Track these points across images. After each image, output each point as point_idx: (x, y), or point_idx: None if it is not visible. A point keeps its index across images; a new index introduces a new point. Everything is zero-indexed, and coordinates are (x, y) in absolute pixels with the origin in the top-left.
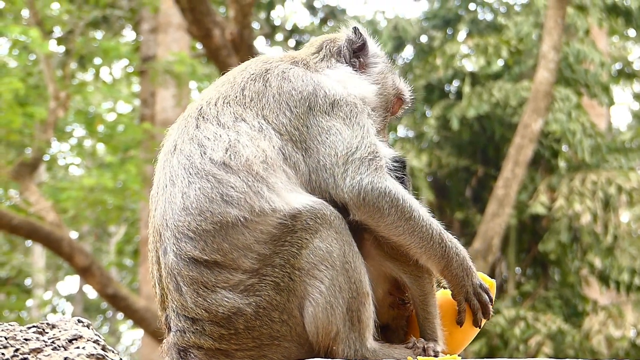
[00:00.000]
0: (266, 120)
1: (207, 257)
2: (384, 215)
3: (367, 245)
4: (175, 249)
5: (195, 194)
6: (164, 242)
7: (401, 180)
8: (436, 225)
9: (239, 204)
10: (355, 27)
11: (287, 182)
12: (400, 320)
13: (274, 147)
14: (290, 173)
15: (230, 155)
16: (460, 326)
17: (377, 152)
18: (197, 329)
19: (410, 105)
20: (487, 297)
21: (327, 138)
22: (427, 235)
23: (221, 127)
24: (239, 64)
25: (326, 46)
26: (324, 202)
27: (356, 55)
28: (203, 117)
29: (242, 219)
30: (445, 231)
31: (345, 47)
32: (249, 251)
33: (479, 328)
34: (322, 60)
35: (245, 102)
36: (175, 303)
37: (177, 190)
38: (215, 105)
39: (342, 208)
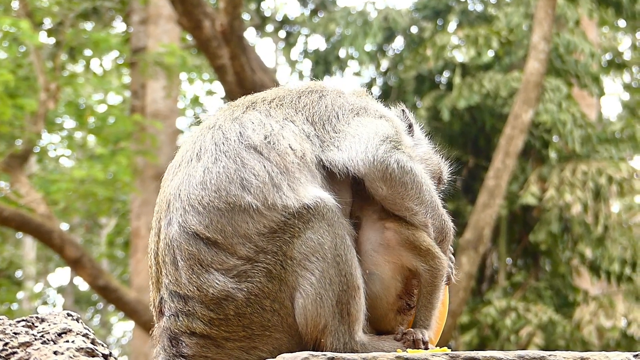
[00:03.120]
0: (314, 127)
1: (209, 235)
2: (408, 189)
3: (388, 235)
4: (180, 221)
5: (218, 171)
6: (171, 213)
7: None
8: (440, 202)
9: (255, 192)
10: (403, 109)
11: (311, 180)
12: (403, 324)
13: (313, 150)
14: (317, 174)
15: (268, 141)
16: None
17: (410, 147)
18: (189, 310)
19: (447, 184)
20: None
21: (366, 124)
22: (434, 206)
23: (268, 118)
24: (229, 55)
25: None
26: (324, 194)
27: None
28: (254, 108)
29: (253, 206)
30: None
31: None
32: (247, 240)
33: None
34: None
35: (298, 107)
36: (170, 278)
37: (200, 165)
38: (270, 103)
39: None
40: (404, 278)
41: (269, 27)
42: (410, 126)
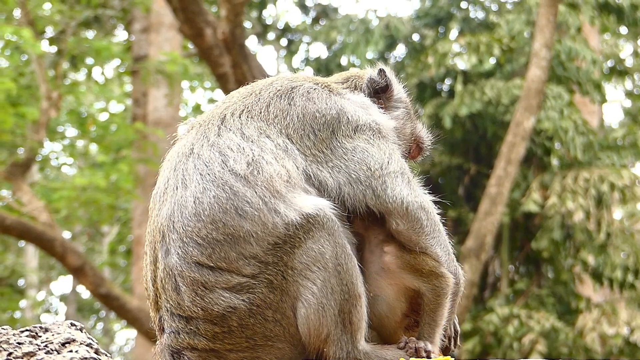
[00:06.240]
0: (290, 139)
1: (212, 264)
2: (423, 225)
3: (387, 260)
4: (180, 252)
5: (209, 201)
6: (167, 243)
7: None
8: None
9: (253, 219)
10: (381, 69)
11: (305, 194)
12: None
13: (297, 167)
14: (313, 192)
15: (252, 170)
16: None
17: (406, 167)
18: (191, 328)
19: (429, 153)
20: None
21: (353, 156)
22: (445, 241)
23: (245, 140)
24: (231, 63)
25: (352, 80)
26: (323, 203)
27: (378, 95)
28: (226, 127)
29: (254, 234)
30: None
31: (366, 86)
32: (253, 259)
33: None
34: (345, 88)
35: (269, 119)
36: (171, 303)
37: (189, 193)
38: (240, 117)
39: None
40: (409, 298)
41: (271, 35)
42: (386, 87)
